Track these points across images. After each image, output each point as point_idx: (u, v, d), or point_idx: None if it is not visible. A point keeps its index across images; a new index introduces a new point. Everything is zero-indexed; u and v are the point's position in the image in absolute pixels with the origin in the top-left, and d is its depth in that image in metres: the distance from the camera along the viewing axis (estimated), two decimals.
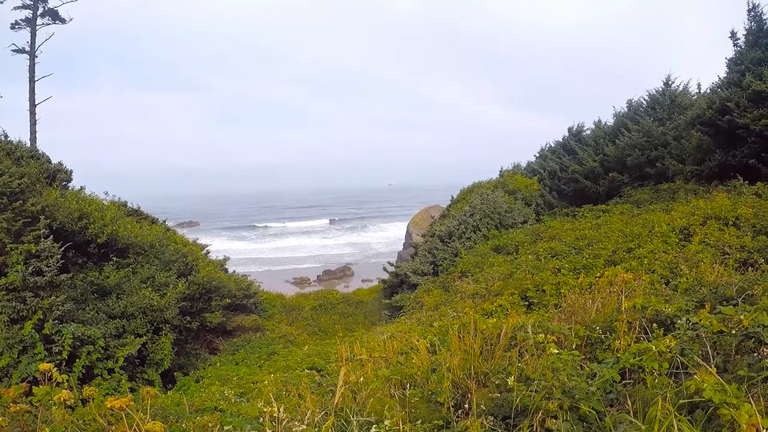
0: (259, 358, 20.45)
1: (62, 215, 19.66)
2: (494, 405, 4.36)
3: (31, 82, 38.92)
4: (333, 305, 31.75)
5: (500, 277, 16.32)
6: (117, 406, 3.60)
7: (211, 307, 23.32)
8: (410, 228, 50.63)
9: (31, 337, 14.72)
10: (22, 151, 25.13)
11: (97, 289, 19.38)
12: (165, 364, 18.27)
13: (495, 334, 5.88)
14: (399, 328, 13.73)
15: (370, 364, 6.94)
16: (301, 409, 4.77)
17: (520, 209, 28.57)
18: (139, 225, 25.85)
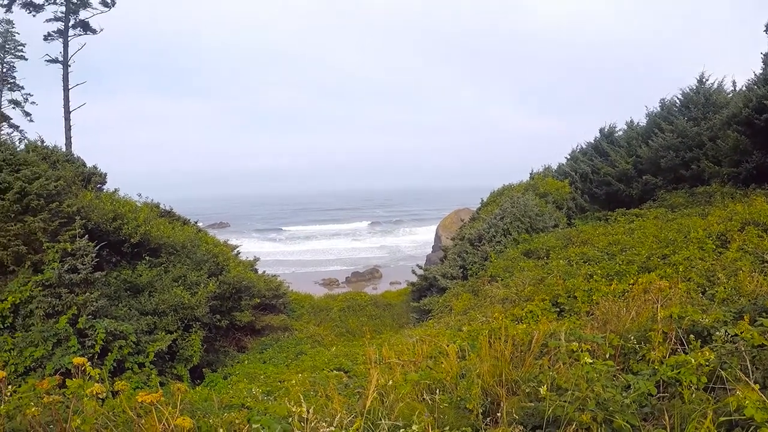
0: (287, 358, 20.52)
1: (97, 216, 20.03)
2: (525, 414, 4.29)
3: (65, 90, 39.79)
4: (361, 307, 31.64)
5: (531, 282, 16.01)
6: (148, 401, 3.64)
7: (240, 306, 23.49)
8: (439, 231, 50.40)
9: (65, 330, 15.06)
10: (57, 156, 25.59)
11: (130, 286, 19.67)
12: (194, 360, 18.51)
13: (525, 340, 5.76)
14: (427, 331, 13.54)
15: (399, 367, 6.91)
16: (329, 411, 4.76)
17: (551, 213, 28.00)
18: (172, 226, 26.10)
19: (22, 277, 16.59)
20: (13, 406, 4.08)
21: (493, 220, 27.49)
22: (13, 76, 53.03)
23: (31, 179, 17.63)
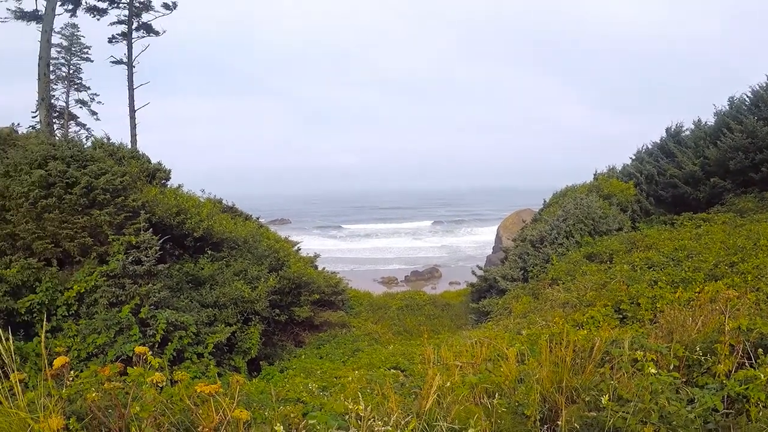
0: (344, 354, 20.59)
1: (161, 210, 20.49)
2: (584, 424, 4.20)
3: (130, 90, 40.88)
4: (419, 306, 31.57)
5: (593, 286, 15.64)
6: (206, 392, 3.67)
7: (299, 301, 23.71)
8: (500, 231, 50.02)
9: (127, 319, 15.42)
10: (123, 152, 26.26)
11: (192, 279, 20.02)
12: (252, 353, 18.75)
13: (586, 347, 5.63)
14: (486, 333, 13.36)
15: (457, 369, 6.86)
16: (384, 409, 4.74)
17: (615, 215, 27.10)
18: (234, 221, 26.51)
19: (88, 268, 17.04)
20: (74, 390, 4.16)
21: (556, 222, 26.97)
22: (80, 77, 54.98)
23: (97, 174, 18.06)
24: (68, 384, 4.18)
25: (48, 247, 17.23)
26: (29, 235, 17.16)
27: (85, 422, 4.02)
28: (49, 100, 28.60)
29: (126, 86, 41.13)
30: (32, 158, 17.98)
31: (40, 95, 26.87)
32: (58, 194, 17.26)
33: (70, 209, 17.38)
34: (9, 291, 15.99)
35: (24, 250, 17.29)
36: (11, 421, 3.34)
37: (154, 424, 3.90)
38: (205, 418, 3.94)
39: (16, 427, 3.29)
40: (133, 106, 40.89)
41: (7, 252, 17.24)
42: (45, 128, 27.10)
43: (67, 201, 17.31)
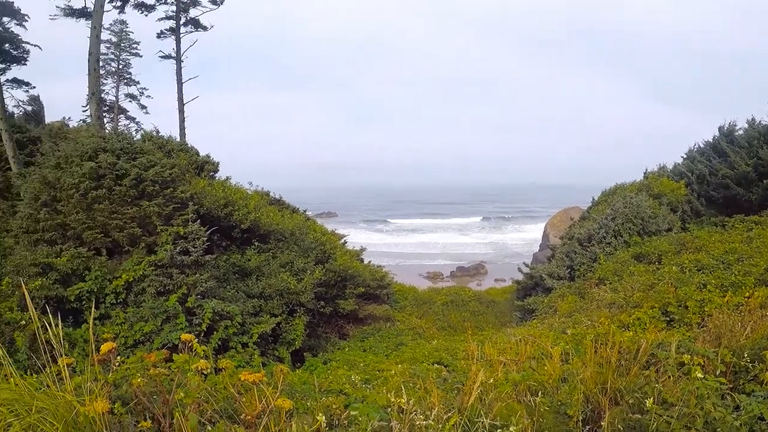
0: (387, 348, 20.62)
1: (209, 202, 20.82)
2: (627, 426, 4.16)
3: (179, 84, 41.49)
4: (464, 302, 31.48)
5: (640, 287, 15.37)
6: (250, 380, 3.71)
7: (345, 294, 23.86)
8: (548, 229, 49.64)
9: (174, 308, 15.69)
10: (172, 145, 26.78)
11: (239, 270, 20.28)
12: (296, 344, 18.94)
13: (632, 349, 5.56)
14: (530, 331, 13.27)
15: (501, 366, 6.83)
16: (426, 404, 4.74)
17: (664, 215, 26.51)
18: (281, 214, 26.77)
19: (136, 257, 17.35)
20: (120, 375, 4.23)
21: (604, 221, 26.54)
22: (129, 72, 56.05)
23: (147, 167, 18.39)
24: (114, 369, 4.26)
25: (98, 237, 17.57)
26: (79, 225, 17.51)
27: (130, 407, 4.10)
28: (99, 94, 29.01)
29: (175, 80, 41.75)
30: (83, 150, 18.34)
31: (91, 90, 27.23)
32: (108, 185, 17.58)
33: (119, 200, 17.71)
34: (59, 279, 16.37)
35: (74, 239, 17.65)
36: (57, 404, 3.42)
37: (197, 411, 3.96)
38: (248, 406, 3.99)
39: (63, 410, 3.37)
40: (181, 100, 41.47)
41: (58, 241, 17.62)
42: (95, 122, 27.49)
43: (116, 192, 17.62)
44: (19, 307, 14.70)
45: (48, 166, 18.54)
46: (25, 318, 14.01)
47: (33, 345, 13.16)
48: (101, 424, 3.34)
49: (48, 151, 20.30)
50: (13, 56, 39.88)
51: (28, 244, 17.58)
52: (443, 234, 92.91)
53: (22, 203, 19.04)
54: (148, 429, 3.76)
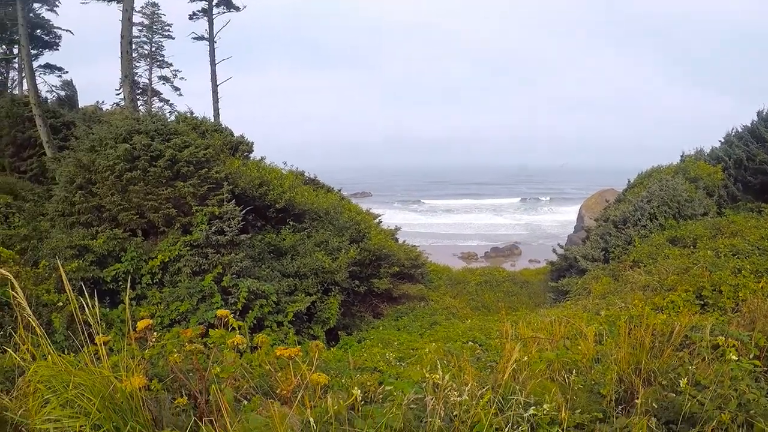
0: (421, 327, 20.69)
1: (244, 182, 20.95)
2: (660, 407, 4.12)
3: (212, 65, 41.76)
4: (498, 283, 31.40)
5: (675, 271, 15.18)
6: (286, 355, 3.71)
7: (379, 273, 23.91)
8: (583, 211, 49.19)
9: (210, 288, 15.85)
10: (206, 126, 27.02)
11: (274, 249, 20.43)
12: (331, 323, 19.11)
13: (666, 331, 5.55)
14: (564, 312, 13.23)
15: (534, 344, 6.80)
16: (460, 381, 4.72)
17: (700, 199, 26.01)
18: (316, 193, 26.86)
19: (172, 238, 17.53)
20: (157, 351, 4.26)
21: (640, 203, 26.17)
22: (162, 54, 56.45)
23: (181, 147, 18.53)
24: (151, 346, 4.29)
25: (133, 218, 17.77)
26: (115, 206, 17.72)
27: (166, 383, 4.12)
28: (132, 77, 29.20)
29: (208, 62, 41.94)
30: (117, 133, 18.51)
31: (123, 72, 27.43)
32: (143, 167, 17.74)
33: (154, 181, 17.87)
34: (95, 260, 16.62)
35: (110, 221, 17.88)
36: (95, 379, 3.44)
37: (233, 386, 3.97)
38: (284, 381, 3.99)
39: (100, 386, 3.38)
40: (215, 81, 41.68)
41: (93, 223, 17.86)
42: (129, 104, 27.72)
43: (151, 173, 17.78)
44: (56, 289, 14.91)
45: (82, 150, 18.74)
46: (62, 299, 14.20)
47: (70, 326, 13.36)
48: (138, 399, 3.36)
49: (82, 134, 20.54)
50: (45, 42, 40.35)
51: (64, 227, 17.82)
52: (478, 214, 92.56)
53: (57, 187, 19.30)
54: (184, 405, 3.78)
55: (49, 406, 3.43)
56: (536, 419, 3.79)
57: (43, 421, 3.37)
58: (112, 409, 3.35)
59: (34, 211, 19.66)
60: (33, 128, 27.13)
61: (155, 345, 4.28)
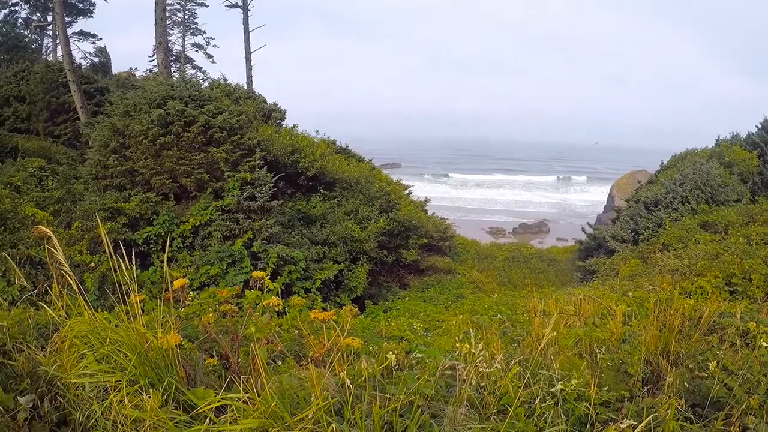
0: (447, 299, 20.68)
1: (276, 149, 21.06)
2: (687, 390, 4.10)
3: (245, 33, 41.60)
4: (526, 259, 31.34)
5: (705, 256, 15.01)
6: (320, 318, 3.73)
7: (407, 244, 23.94)
8: (613, 191, 48.76)
9: (240, 252, 16.03)
10: (240, 93, 27.05)
11: (303, 216, 20.54)
12: (357, 291, 19.21)
13: (694, 316, 5.59)
14: (591, 292, 13.19)
15: (562, 321, 6.81)
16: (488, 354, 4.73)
17: (734, 185, 25.75)
18: (347, 162, 26.90)
19: (203, 202, 17.71)
20: (193, 310, 4.31)
21: (672, 185, 25.82)
22: (195, 22, 56.32)
23: (214, 113, 18.65)
24: (186, 305, 4.34)
25: (165, 183, 17.95)
26: (148, 171, 17.90)
27: (199, 342, 4.18)
28: (166, 44, 29.38)
29: (241, 29, 41.83)
30: (151, 98, 18.67)
31: (157, 40, 27.60)
32: (176, 132, 17.89)
33: (187, 146, 18.02)
34: (127, 223, 16.87)
35: (143, 185, 18.09)
36: (130, 335, 3.48)
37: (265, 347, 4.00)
38: (317, 344, 4.02)
39: (135, 342, 3.43)
40: (248, 49, 41.61)
41: (126, 187, 18.10)
42: (163, 71, 27.90)
43: (184, 138, 17.93)
44: (88, 250, 15.14)
45: (117, 114, 18.95)
46: (95, 260, 14.42)
47: (101, 287, 13.57)
48: (173, 357, 3.40)
49: (116, 99, 20.74)
50: (79, 9, 40.55)
51: (98, 190, 18.09)
52: (507, 190, 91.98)
53: (91, 151, 19.56)
54: (215, 365, 3.82)
55: (84, 360, 3.48)
56: (563, 394, 3.79)
57: (78, 376, 3.42)
58: (147, 365, 3.39)
59: (68, 174, 19.92)
60: (67, 94, 27.46)
61: (191, 304, 4.33)
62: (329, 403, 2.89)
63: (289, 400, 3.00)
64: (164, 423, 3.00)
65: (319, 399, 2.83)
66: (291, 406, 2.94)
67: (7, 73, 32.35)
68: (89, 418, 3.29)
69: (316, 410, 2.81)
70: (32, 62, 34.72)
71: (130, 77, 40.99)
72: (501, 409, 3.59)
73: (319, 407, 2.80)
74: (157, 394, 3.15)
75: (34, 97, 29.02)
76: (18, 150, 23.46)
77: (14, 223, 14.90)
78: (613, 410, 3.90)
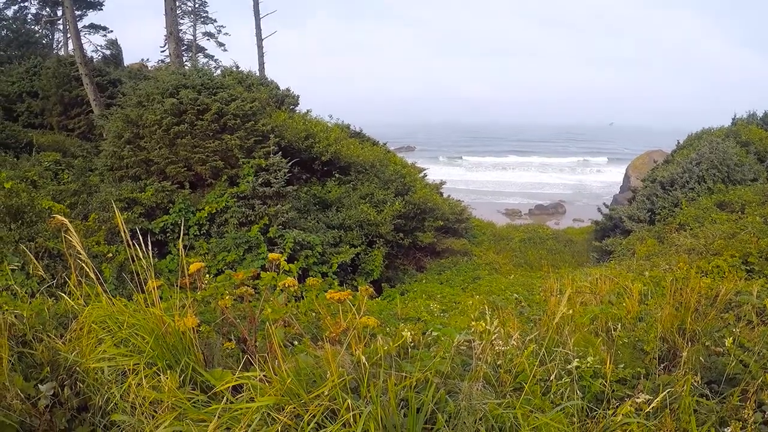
0: (464, 281, 20.68)
1: (290, 134, 21.15)
2: (703, 366, 4.10)
3: (256, 20, 41.61)
4: (542, 240, 31.34)
5: (721, 235, 14.96)
6: (336, 298, 3.75)
7: (423, 227, 23.95)
8: (629, 171, 48.56)
9: (256, 238, 16.13)
10: (252, 80, 27.16)
11: (319, 201, 20.63)
12: (374, 275, 19.32)
13: (710, 294, 5.60)
14: (607, 272, 13.18)
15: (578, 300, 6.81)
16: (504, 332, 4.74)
17: (751, 165, 25.66)
18: (361, 146, 26.88)
19: (219, 190, 17.78)
20: (209, 293, 4.33)
21: (689, 165, 25.68)
22: (206, 11, 56.23)
23: (227, 101, 18.72)
24: (203, 288, 4.37)
25: (180, 171, 18.02)
26: (162, 160, 17.98)
27: (216, 323, 4.20)
28: (177, 34, 29.34)
29: (252, 16, 41.79)
30: (164, 88, 18.74)
31: (168, 29, 27.62)
32: (190, 120, 17.96)
33: (201, 134, 18.10)
34: (144, 213, 16.99)
35: (158, 174, 18.18)
36: (148, 319, 3.51)
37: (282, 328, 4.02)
38: (333, 324, 4.04)
39: (153, 326, 3.46)
40: (260, 36, 41.64)
41: (141, 177, 18.20)
42: (174, 60, 27.92)
43: (198, 127, 17.99)
44: (105, 241, 15.26)
45: (130, 105, 19.05)
46: (112, 251, 14.53)
47: (119, 276, 13.68)
48: (190, 339, 3.43)
49: (129, 90, 20.87)
50: (89, 2, 40.65)
51: (113, 181, 18.20)
52: (523, 172, 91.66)
53: (105, 142, 19.67)
54: (233, 349, 3.85)
55: (103, 344, 3.52)
56: (579, 371, 3.80)
57: (97, 360, 3.46)
58: (165, 347, 3.42)
59: (83, 166, 20.07)
60: (80, 87, 27.57)
61: (207, 287, 4.35)
62: (345, 380, 2.91)
63: (305, 378, 3.02)
64: (182, 403, 3.03)
65: (334, 376, 2.85)
66: (307, 384, 2.97)
67: (19, 69, 32.50)
68: (108, 402, 3.33)
69: (332, 387, 2.83)
70: (44, 57, 34.89)
71: (142, 68, 41.10)
72: (517, 386, 3.61)
73: (335, 384, 2.82)
74: (175, 376, 3.18)
75: (47, 92, 29.22)
76: (33, 145, 23.66)
77: (31, 217, 15.00)
78: (629, 387, 3.91)
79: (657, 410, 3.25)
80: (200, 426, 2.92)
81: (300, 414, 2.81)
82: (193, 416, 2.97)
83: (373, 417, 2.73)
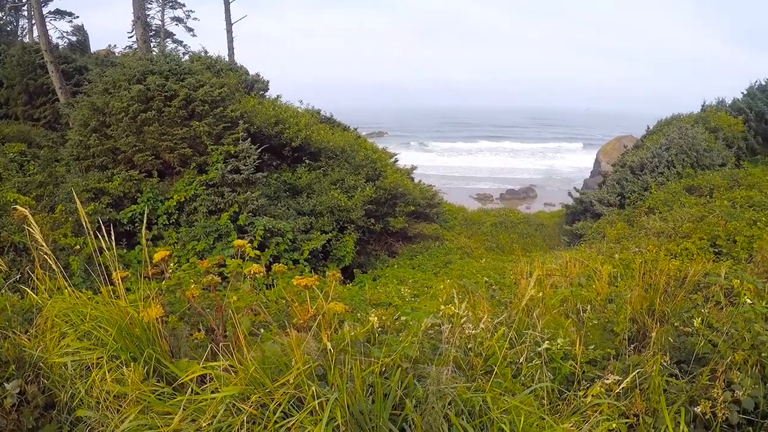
0: (435, 266, 20.75)
1: (259, 120, 21.01)
2: (672, 346, 4.13)
3: (226, 4, 41.16)
4: (513, 224, 31.51)
5: (690, 219, 15.29)
6: (303, 284, 3.71)
7: (395, 212, 23.99)
8: (600, 156, 48.90)
9: (226, 226, 16.06)
10: (221, 65, 26.95)
11: (290, 188, 20.54)
12: (346, 261, 19.28)
13: (679, 276, 5.67)
14: (578, 255, 13.34)
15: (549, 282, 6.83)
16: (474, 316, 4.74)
17: (719, 150, 26.24)
18: (332, 131, 26.78)
19: (188, 178, 17.65)
20: (174, 282, 4.26)
21: (658, 150, 26.15)
22: None
23: (195, 87, 18.53)
24: (168, 277, 4.30)
25: (148, 159, 17.85)
26: (130, 148, 17.80)
27: (183, 311, 4.15)
28: (144, 18, 29.06)
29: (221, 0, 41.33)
30: (131, 74, 18.52)
31: (135, 14, 27.36)
32: (158, 107, 17.77)
33: (169, 122, 17.92)
34: (111, 203, 16.83)
35: (125, 163, 17.99)
36: (111, 311, 3.46)
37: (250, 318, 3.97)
38: (300, 311, 4.01)
39: (117, 317, 3.41)
40: (229, 21, 41.18)
41: (108, 166, 18.00)
42: (142, 46, 27.69)
43: (166, 114, 17.80)
44: (72, 232, 15.08)
45: (96, 92, 18.80)
46: (79, 243, 14.36)
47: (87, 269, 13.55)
48: (155, 330, 3.38)
49: (95, 77, 20.58)
50: None
51: (80, 171, 17.98)
52: (494, 157, 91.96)
53: (71, 132, 19.40)
54: (202, 340, 3.80)
55: (66, 339, 3.46)
56: (550, 353, 3.81)
57: (60, 355, 3.41)
58: (129, 340, 3.37)
59: (49, 157, 19.77)
60: (45, 75, 27.15)
61: (172, 276, 4.29)
62: (310, 368, 2.88)
63: (271, 366, 2.99)
64: (146, 396, 2.99)
65: (299, 363, 2.82)
66: (273, 373, 2.94)
67: None
68: (74, 398, 3.28)
69: (297, 375, 2.80)
70: (8, 45, 34.24)
71: (109, 55, 40.53)
72: (488, 370, 3.61)
73: (300, 372, 2.80)
74: (138, 368, 3.14)
75: (12, 80, 28.69)
76: None
77: None
78: (600, 368, 3.94)
79: (627, 390, 3.28)
80: (165, 419, 2.88)
81: (266, 403, 2.78)
82: (158, 409, 2.94)
83: (340, 404, 2.70)
